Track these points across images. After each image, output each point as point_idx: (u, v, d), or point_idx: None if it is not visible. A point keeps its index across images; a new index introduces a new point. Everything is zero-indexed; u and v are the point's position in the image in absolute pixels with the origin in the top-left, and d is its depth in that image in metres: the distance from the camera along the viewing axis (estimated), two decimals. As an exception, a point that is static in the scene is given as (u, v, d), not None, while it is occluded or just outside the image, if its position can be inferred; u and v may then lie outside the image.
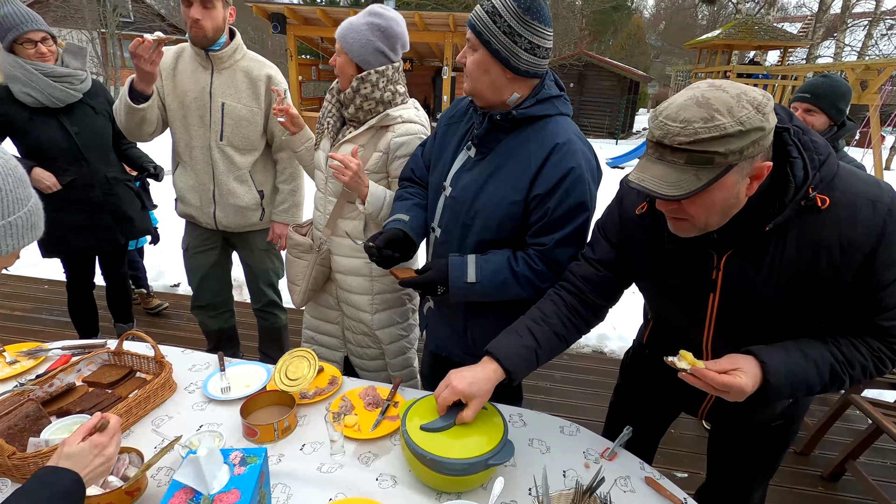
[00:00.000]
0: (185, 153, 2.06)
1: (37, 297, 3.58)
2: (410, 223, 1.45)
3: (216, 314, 2.40)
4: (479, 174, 1.33)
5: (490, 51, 1.20)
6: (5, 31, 2.04)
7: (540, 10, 1.17)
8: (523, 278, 1.29)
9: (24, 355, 1.50)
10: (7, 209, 0.72)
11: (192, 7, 1.83)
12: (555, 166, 1.22)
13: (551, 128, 1.26)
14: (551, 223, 1.25)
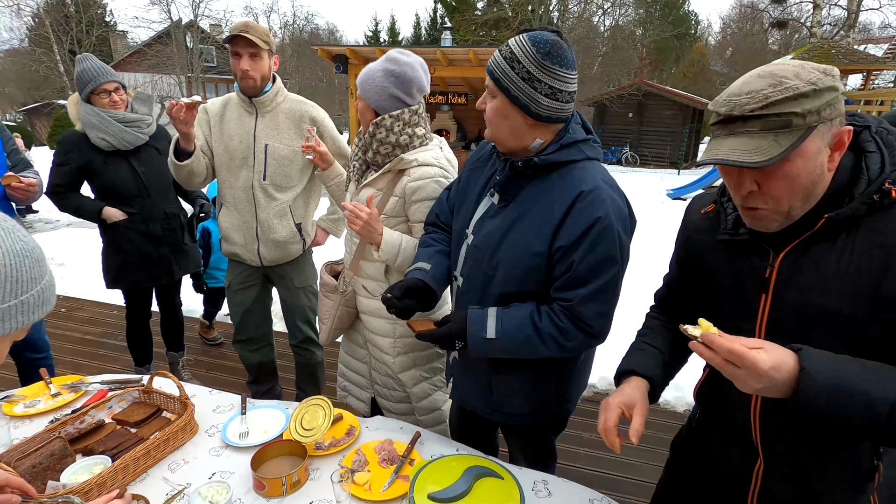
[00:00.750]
0: (229, 194, 2.17)
1: (105, 322, 3.85)
2: (432, 272, 1.40)
3: (256, 348, 2.46)
4: (501, 222, 1.27)
5: (509, 97, 1.15)
6: (84, 83, 2.28)
7: (561, 55, 1.12)
8: (547, 336, 1.20)
9: (67, 388, 1.57)
10: (21, 288, 0.74)
11: (242, 60, 1.97)
12: (580, 216, 1.15)
13: (576, 174, 1.19)
14: (577, 277, 1.16)
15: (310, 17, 30.24)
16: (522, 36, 1.14)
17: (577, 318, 1.18)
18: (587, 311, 1.18)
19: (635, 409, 1.00)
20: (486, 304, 1.29)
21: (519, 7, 19.85)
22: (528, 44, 1.12)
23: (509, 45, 1.15)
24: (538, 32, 1.13)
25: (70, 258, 5.52)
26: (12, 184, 1.93)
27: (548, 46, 1.11)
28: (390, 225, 1.66)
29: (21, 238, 0.75)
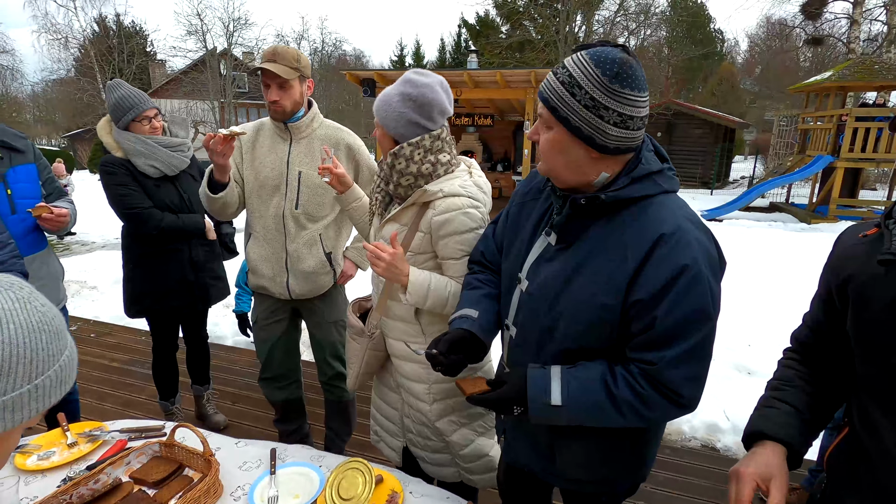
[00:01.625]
0: (259, 224, 2.06)
1: (132, 349, 3.79)
2: (480, 320, 1.23)
3: (283, 385, 2.32)
4: (561, 268, 1.09)
5: (569, 129, 0.99)
6: (124, 111, 2.22)
7: (631, 75, 0.95)
8: (624, 404, 1.01)
9: (85, 437, 1.45)
10: (36, 370, 0.61)
11: (271, 90, 1.89)
12: (661, 264, 0.96)
13: (653, 212, 1.01)
14: (661, 336, 0.98)
15: (338, 44, 31.05)
16: (582, 55, 0.98)
17: (662, 384, 0.99)
18: (674, 376, 0.98)
19: (773, 481, 0.87)
20: (545, 359, 1.12)
21: (544, 29, 19.94)
22: (590, 65, 0.95)
23: (567, 66, 0.99)
24: (601, 50, 0.97)
25: (102, 282, 5.55)
26: (43, 214, 1.87)
27: (615, 67, 0.94)
28: (417, 262, 1.51)
29: (38, 308, 0.63)
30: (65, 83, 26.60)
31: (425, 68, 17.12)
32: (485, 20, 25.51)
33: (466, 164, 1.60)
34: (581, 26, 20.63)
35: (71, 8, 22.38)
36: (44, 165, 2.04)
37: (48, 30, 22.82)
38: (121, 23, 26.40)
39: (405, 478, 1.34)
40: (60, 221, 1.93)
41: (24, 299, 0.61)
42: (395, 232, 1.45)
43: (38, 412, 0.62)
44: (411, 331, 1.59)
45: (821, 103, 12.23)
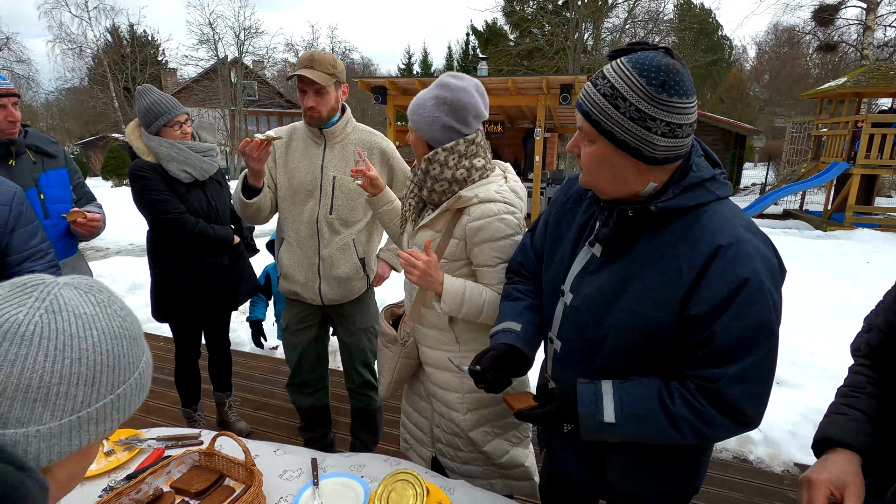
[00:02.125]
0: (291, 229, 2.04)
1: (153, 356, 3.76)
2: (523, 333, 1.20)
3: (310, 392, 2.30)
4: (608, 281, 1.04)
5: (614, 142, 0.94)
6: (157, 116, 2.20)
7: (678, 83, 0.89)
8: (682, 420, 0.96)
9: (121, 445, 1.43)
10: (119, 379, 0.58)
11: (307, 97, 1.88)
12: (720, 278, 0.91)
13: (707, 222, 0.96)
14: (720, 352, 0.93)
15: (347, 52, 31.32)
16: (623, 64, 0.92)
17: (723, 401, 0.94)
18: (736, 392, 0.93)
19: (847, 489, 0.84)
20: (592, 374, 1.07)
21: (554, 37, 20.00)
22: (633, 74, 0.90)
23: (607, 76, 0.93)
24: (643, 57, 0.91)
25: (119, 288, 5.57)
26: (78, 220, 1.86)
27: (661, 75, 0.88)
28: (452, 270, 1.48)
29: (118, 312, 0.60)
30: (78, 91, 27.01)
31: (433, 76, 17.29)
32: (493, 28, 25.64)
33: (501, 168, 1.57)
34: (590, 34, 20.66)
35: (85, 18, 22.77)
36: (74, 170, 2.04)
37: (63, 40, 23.27)
38: (134, 32, 26.81)
39: (447, 482, 1.31)
40: (93, 226, 1.92)
41: (105, 303, 0.59)
42: (430, 239, 1.43)
43: (119, 423, 0.59)
44: (445, 339, 1.56)
45: (835, 110, 12.13)
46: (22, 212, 1.45)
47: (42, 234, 1.55)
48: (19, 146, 1.80)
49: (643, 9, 20.12)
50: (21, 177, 1.81)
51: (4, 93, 1.70)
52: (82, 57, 24.41)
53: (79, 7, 22.54)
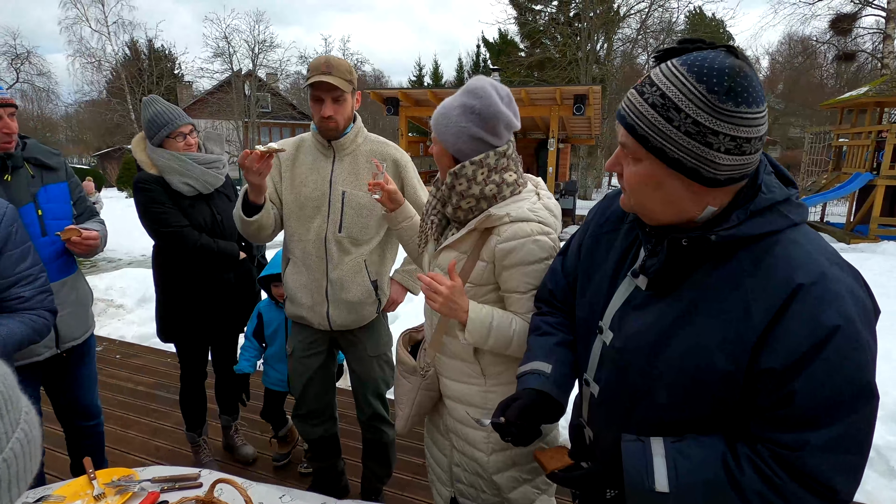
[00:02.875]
0: (298, 248, 1.90)
1: (158, 372, 3.68)
2: (554, 375, 1.06)
3: (318, 422, 2.15)
4: (656, 320, 0.88)
5: (665, 161, 0.79)
6: (158, 127, 2.12)
7: (747, 88, 0.74)
8: (754, 495, 0.78)
9: (113, 487, 1.30)
10: None
11: (325, 105, 1.73)
12: (802, 324, 0.74)
13: (782, 254, 0.79)
14: (804, 415, 0.75)
15: (359, 64, 31.60)
16: (675, 67, 0.77)
17: (807, 473, 0.76)
18: (823, 464, 0.75)
19: None
20: (638, 427, 0.91)
21: (566, 48, 19.96)
22: (689, 80, 0.75)
23: (656, 83, 0.78)
24: (701, 58, 0.76)
25: (128, 300, 5.51)
26: (72, 238, 1.74)
27: (726, 80, 0.73)
28: (477, 295, 1.34)
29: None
30: (96, 104, 27.53)
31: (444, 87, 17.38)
32: (505, 39, 25.71)
33: (533, 183, 1.43)
34: (602, 45, 20.59)
35: (105, 33, 23.27)
36: (75, 184, 1.93)
37: (83, 54, 23.74)
38: (151, 46, 27.33)
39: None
40: (89, 245, 1.80)
41: None
42: (454, 261, 1.29)
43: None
44: (470, 371, 1.42)
45: (856, 119, 11.86)
46: (11, 233, 1.34)
47: (34, 256, 1.44)
48: (16, 160, 1.70)
49: (656, 19, 20.04)
50: (18, 192, 1.70)
51: (1, 102, 1.60)
52: (101, 70, 24.95)
53: (99, 22, 23.09)
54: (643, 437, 0.87)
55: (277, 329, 2.41)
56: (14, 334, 1.33)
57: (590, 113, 10.18)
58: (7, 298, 1.36)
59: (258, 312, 2.43)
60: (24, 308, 1.39)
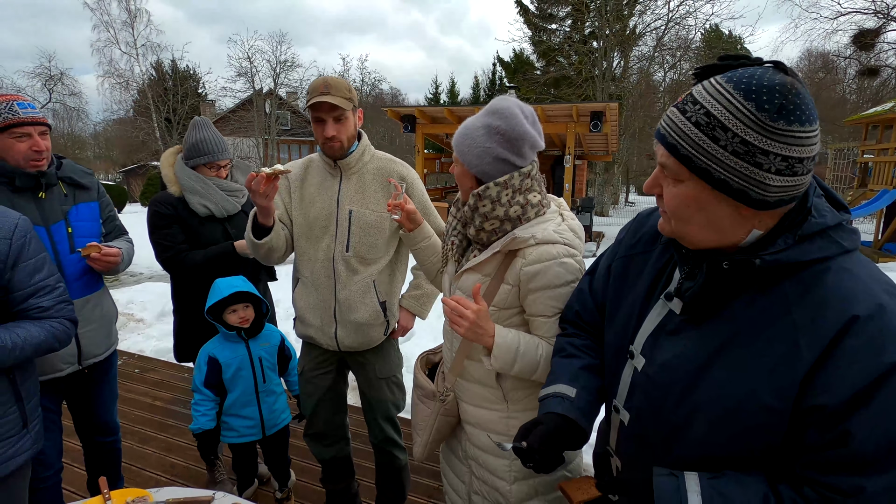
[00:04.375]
0: (307, 268, 1.89)
1: (176, 387, 3.70)
2: (579, 401, 1.03)
3: (329, 443, 2.13)
4: (694, 348, 0.85)
5: (710, 182, 0.76)
6: (200, 153, 2.16)
7: (799, 106, 0.70)
8: None
9: (128, 508, 1.29)
10: None
11: (327, 126, 1.74)
12: (856, 360, 0.70)
13: (834, 283, 0.75)
14: (857, 457, 0.70)
15: (376, 83, 32.17)
16: (719, 84, 0.74)
17: None
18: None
19: None
20: (671, 461, 0.87)
21: (581, 66, 20.05)
22: (736, 98, 0.72)
23: (700, 101, 0.75)
24: (748, 75, 0.73)
25: (148, 314, 5.59)
26: (92, 254, 1.77)
27: (778, 98, 0.70)
28: (501, 319, 1.31)
29: None
30: (123, 122, 28.41)
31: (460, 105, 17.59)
32: (521, 57, 25.95)
33: (556, 203, 1.41)
34: (619, 62, 20.62)
35: (133, 55, 24.13)
36: (106, 203, 1.98)
37: (112, 74, 24.58)
38: (176, 67, 28.22)
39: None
40: (109, 262, 1.82)
41: None
42: (479, 285, 1.27)
43: None
44: (491, 396, 1.39)
45: (882, 135, 11.60)
46: (24, 244, 1.36)
47: (50, 267, 1.46)
48: (50, 178, 1.74)
49: (672, 36, 20.03)
50: (51, 210, 1.75)
51: (30, 121, 1.64)
52: (128, 90, 25.76)
53: (128, 45, 23.93)
54: (676, 472, 0.83)
55: (239, 370, 2.05)
56: (33, 337, 1.34)
57: (606, 129, 10.15)
58: (26, 309, 1.38)
59: (209, 357, 2.03)
60: (43, 318, 1.41)
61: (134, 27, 23.64)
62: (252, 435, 2.12)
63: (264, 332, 2.14)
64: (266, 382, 2.11)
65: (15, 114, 1.61)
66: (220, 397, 2.08)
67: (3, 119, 1.60)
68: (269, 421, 2.14)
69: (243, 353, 2.06)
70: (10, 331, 1.29)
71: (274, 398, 2.15)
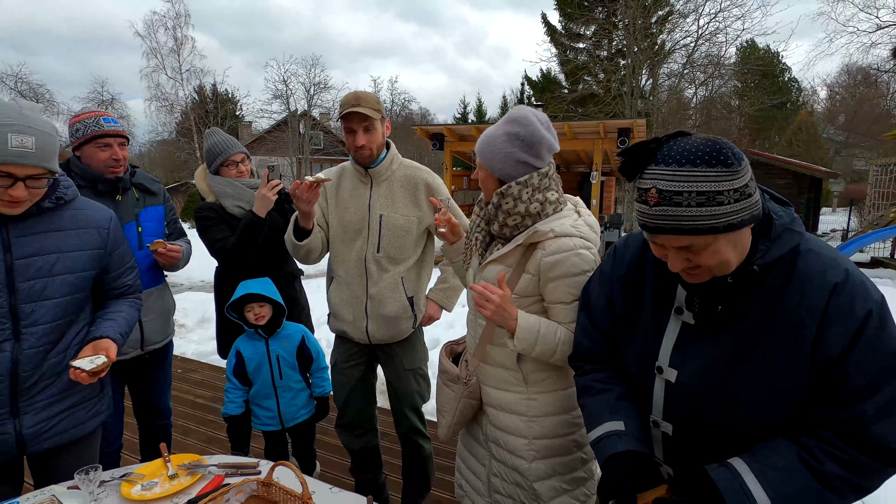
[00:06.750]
0: (341, 268, 2.07)
1: (215, 387, 3.91)
2: (630, 430, 1.12)
3: (359, 434, 2.26)
4: (719, 352, 0.99)
5: (738, 227, 0.90)
6: (215, 156, 2.32)
7: (730, 146, 0.89)
8: (836, 480, 0.87)
9: (185, 469, 1.46)
10: None
11: (357, 135, 1.90)
12: (844, 316, 0.88)
13: (805, 264, 0.93)
14: (855, 390, 0.88)
15: (406, 103, 33.03)
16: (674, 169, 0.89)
17: (870, 442, 0.87)
18: (882, 430, 0.86)
19: None
20: (718, 454, 0.99)
21: (609, 83, 20.10)
22: (703, 170, 0.87)
23: (681, 190, 0.88)
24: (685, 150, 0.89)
25: (189, 320, 5.90)
26: (159, 249, 2.00)
27: (721, 150, 0.88)
28: (522, 306, 1.43)
29: None
30: (166, 143, 29.97)
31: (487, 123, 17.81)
32: (548, 76, 26.21)
33: (573, 202, 1.54)
34: (647, 79, 20.57)
35: (178, 79, 25.55)
36: (170, 208, 2.23)
37: (158, 98, 26.06)
38: (216, 90, 29.71)
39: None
40: (172, 257, 2.06)
41: None
42: (503, 273, 1.40)
43: None
44: (512, 379, 1.50)
45: (925, 150, 11.17)
46: (119, 233, 1.59)
47: (130, 251, 1.67)
48: (125, 183, 2.00)
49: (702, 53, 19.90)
50: (125, 211, 2.00)
51: (112, 133, 1.91)
52: (172, 113, 27.21)
53: (174, 70, 25.37)
54: (724, 463, 0.95)
55: (259, 365, 2.18)
56: (133, 318, 1.61)
57: (634, 146, 10.15)
58: (118, 287, 1.61)
59: (236, 350, 2.20)
60: (128, 294, 1.65)
61: (180, 54, 25.07)
62: (271, 425, 2.25)
63: (285, 332, 2.24)
64: (283, 379, 2.20)
65: (100, 127, 1.88)
66: (248, 387, 2.23)
67: (90, 131, 1.86)
68: (287, 414, 2.23)
69: (263, 350, 2.18)
70: (116, 322, 1.52)
71: (292, 394, 2.22)
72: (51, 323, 1.38)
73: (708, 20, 18.81)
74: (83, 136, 1.89)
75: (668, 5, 19.95)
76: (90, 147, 1.90)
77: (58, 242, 1.40)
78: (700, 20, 18.93)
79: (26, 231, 1.35)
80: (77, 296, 1.45)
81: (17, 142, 1.20)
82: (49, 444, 1.42)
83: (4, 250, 1.32)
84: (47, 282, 1.37)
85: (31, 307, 1.35)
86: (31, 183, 1.27)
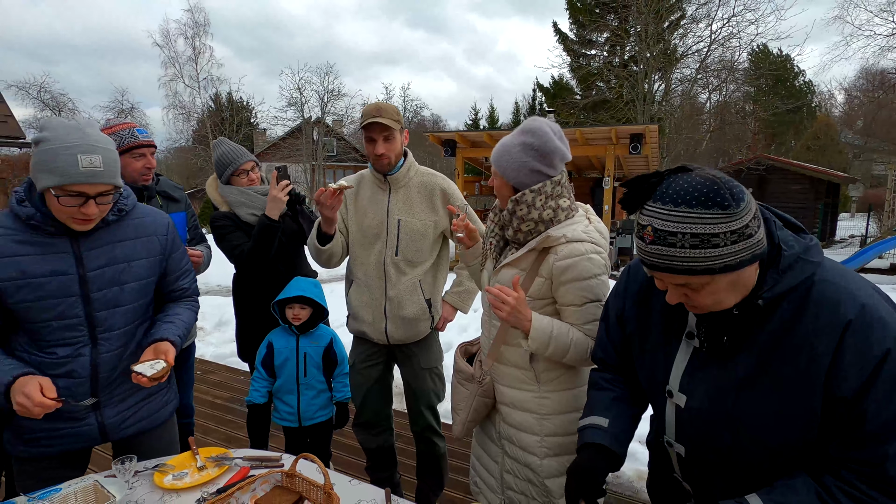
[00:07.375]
0: (361, 271, 2.15)
1: (234, 388, 4.01)
2: (612, 429, 1.18)
3: (376, 433, 2.33)
4: (728, 379, 1.00)
5: (736, 267, 0.88)
6: (225, 166, 2.34)
7: (728, 182, 0.87)
8: None
9: (213, 462, 1.53)
10: None
11: (377, 144, 1.99)
12: (859, 354, 0.86)
13: (820, 295, 0.90)
14: (875, 431, 0.86)
15: (418, 109, 33.33)
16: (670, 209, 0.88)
17: (890, 483, 0.87)
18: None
19: None
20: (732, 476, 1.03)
21: (621, 89, 20.07)
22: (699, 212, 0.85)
23: (675, 231, 0.87)
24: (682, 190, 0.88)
25: (207, 324, 6.02)
26: None
27: (721, 190, 0.86)
28: (535, 308, 1.49)
29: None
30: (182, 150, 30.59)
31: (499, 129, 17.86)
32: (559, 83, 26.24)
33: (584, 209, 1.60)
34: (660, 85, 20.49)
35: (195, 88, 26.11)
36: (191, 214, 2.33)
37: (175, 106, 26.64)
38: (232, 98, 30.26)
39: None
40: (193, 261, 2.12)
41: None
42: (518, 276, 1.46)
43: None
44: (525, 378, 1.55)
45: (945, 154, 10.98)
46: (175, 237, 1.66)
47: (186, 255, 1.73)
48: (151, 191, 2.11)
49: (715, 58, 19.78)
50: None
51: (146, 144, 2.03)
52: (189, 120, 27.78)
53: (192, 79, 25.95)
54: (740, 499, 0.96)
55: (287, 360, 2.27)
56: (190, 321, 1.68)
57: (647, 151, 10.14)
58: (175, 290, 1.68)
59: (269, 341, 2.30)
60: (185, 297, 1.71)
61: (197, 62, 25.64)
62: (290, 421, 2.29)
63: (317, 332, 2.33)
64: (307, 377, 2.27)
65: (135, 138, 1.99)
66: (273, 379, 2.30)
67: (127, 142, 1.97)
68: (306, 413, 2.27)
69: (293, 346, 2.26)
70: (175, 325, 1.59)
71: (314, 393, 2.27)
72: (123, 328, 1.50)
73: (721, 25, 18.72)
74: (119, 146, 1.99)
75: (681, 10, 19.88)
76: (126, 157, 2.01)
77: (125, 252, 1.49)
78: (713, 25, 18.84)
79: (95, 244, 1.44)
80: (144, 301, 1.56)
81: (87, 162, 1.27)
82: (131, 430, 1.57)
83: (77, 264, 1.41)
84: (118, 290, 1.47)
85: (105, 315, 1.45)
86: (100, 199, 1.35)
